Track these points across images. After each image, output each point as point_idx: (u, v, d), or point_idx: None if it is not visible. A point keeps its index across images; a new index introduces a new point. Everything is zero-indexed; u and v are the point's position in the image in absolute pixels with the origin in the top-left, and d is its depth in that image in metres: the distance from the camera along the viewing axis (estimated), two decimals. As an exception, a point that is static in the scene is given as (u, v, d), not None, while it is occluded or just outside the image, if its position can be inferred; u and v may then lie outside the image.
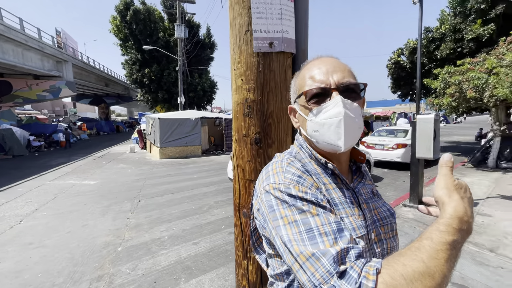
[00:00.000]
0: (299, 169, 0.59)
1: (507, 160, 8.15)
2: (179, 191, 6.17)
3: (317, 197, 0.54)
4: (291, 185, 0.54)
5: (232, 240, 3.57)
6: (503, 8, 9.02)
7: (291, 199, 0.53)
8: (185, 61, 17.59)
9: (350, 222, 0.57)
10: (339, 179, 0.63)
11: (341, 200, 0.59)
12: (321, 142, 0.62)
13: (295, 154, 0.68)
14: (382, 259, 0.60)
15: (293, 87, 0.70)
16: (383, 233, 0.64)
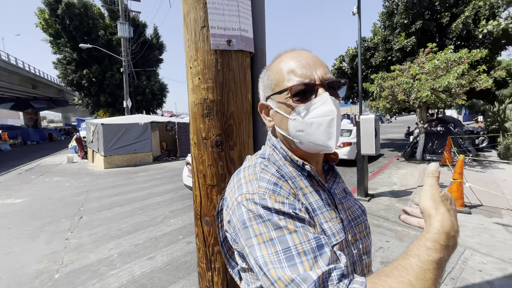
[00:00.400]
0: (274, 175, 0.54)
1: (430, 152, 9.55)
2: (129, 202, 5.65)
3: (295, 207, 0.49)
4: (266, 195, 0.49)
5: (192, 250, 3.39)
6: (421, 24, 10.61)
7: (266, 213, 0.47)
8: (130, 62, 16.33)
9: (330, 227, 0.54)
10: (315, 181, 0.60)
11: (319, 204, 0.56)
12: (306, 142, 0.57)
13: (268, 157, 0.62)
14: (359, 260, 0.59)
15: (266, 82, 0.63)
16: (358, 232, 0.62)
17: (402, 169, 8.02)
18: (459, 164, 4.26)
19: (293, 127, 0.57)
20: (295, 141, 0.58)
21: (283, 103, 0.58)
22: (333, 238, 0.53)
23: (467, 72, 7.48)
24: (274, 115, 0.62)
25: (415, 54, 9.85)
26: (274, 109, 0.61)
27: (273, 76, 0.61)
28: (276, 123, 0.62)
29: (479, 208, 4.33)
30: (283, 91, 0.57)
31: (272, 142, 0.64)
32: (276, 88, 0.59)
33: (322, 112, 0.54)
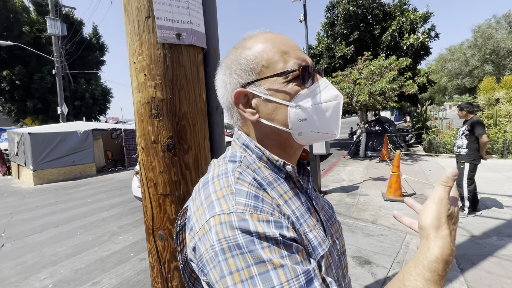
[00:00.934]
0: (252, 185, 0.43)
1: (371, 150, 10.60)
2: (67, 221, 4.93)
3: (282, 225, 0.39)
4: (247, 214, 0.38)
5: (145, 268, 3.09)
6: (358, 34, 11.81)
7: (246, 241, 0.36)
8: (65, 63, 14.50)
9: (315, 237, 0.46)
10: (293, 182, 0.52)
11: (301, 211, 0.48)
12: (308, 132, 0.49)
13: (241, 159, 0.50)
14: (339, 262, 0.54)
15: (244, 64, 0.50)
16: (334, 232, 0.57)
17: (349, 166, 8.71)
18: (396, 158, 4.79)
19: (295, 116, 0.48)
20: (293, 133, 0.50)
21: (278, 89, 0.48)
22: (319, 249, 0.46)
23: (397, 77, 8.54)
24: (260, 105, 0.50)
25: (355, 61, 10.88)
26: (262, 98, 0.49)
27: (258, 56, 0.49)
28: (264, 115, 0.50)
29: (413, 197, 4.91)
30: (287, 73, 0.48)
31: (243, 140, 0.53)
32: (266, 71, 0.49)
33: (328, 96, 0.49)
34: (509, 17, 21.48)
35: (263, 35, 0.52)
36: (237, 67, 0.51)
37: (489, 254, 2.78)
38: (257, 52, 0.49)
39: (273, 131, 0.51)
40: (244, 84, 0.50)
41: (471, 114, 3.82)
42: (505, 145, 8.18)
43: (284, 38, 0.52)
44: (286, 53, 0.49)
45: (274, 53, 0.49)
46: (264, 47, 0.50)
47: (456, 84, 24.40)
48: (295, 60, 0.48)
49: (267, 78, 0.49)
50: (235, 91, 0.50)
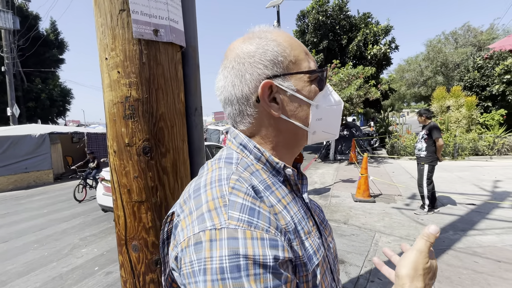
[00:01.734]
0: (248, 195, 0.39)
1: (340, 153, 11.10)
2: (19, 236, 4.41)
3: (277, 245, 0.36)
4: (239, 232, 0.34)
5: (113, 282, 2.87)
6: (327, 43, 12.40)
7: (231, 265, 0.33)
8: (17, 60, 13.15)
9: (311, 245, 0.45)
10: (290, 185, 0.50)
11: (298, 218, 0.46)
12: (320, 132, 0.52)
13: (238, 161, 0.47)
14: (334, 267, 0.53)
15: (270, 55, 0.47)
16: (327, 236, 0.56)
17: (320, 169, 9.01)
18: (364, 161, 5.06)
19: (315, 115, 0.50)
20: (309, 131, 0.51)
21: (304, 86, 0.49)
22: (314, 258, 0.44)
23: (363, 85, 9.09)
24: (285, 101, 0.48)
25: (325, 68, 11.38)
26: (288, 93, 0.48)
27: (285, 50, 0.48)
28: (287, 111, 0.48)
29: (380, 197, 5.23)
30: (316, 72, 0.50)
31: (240, 140, 0.50)
32: (293, 67, 0.48)
33: (336, 100, 0.53)
34: (455, 34, 24.15)
35: (284, 32, 0.52)
36: (264, 57, 0.47)
37: (447, 248, 3.03)
38: (285, 46, 0.48)
39: (290, 129, 0.50)
40: (270, 76, 0.47)
41: (429, 120, 4.17)
42: (456, 148, 9.09)
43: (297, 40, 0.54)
44: (307, 54, 0.51)
45: (300, 51, 0.50)
46: (291, 43, 0.49)
47: (413, 93, 26.67)
48: (314, 63, 0.51)
49: (294, 74, 0.48)
50: (263, 82, 0.46)
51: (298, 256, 0.41)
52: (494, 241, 3.11)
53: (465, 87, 11.96)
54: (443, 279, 2.44)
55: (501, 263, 2.64)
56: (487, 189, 5.29)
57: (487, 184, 5.61)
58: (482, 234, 3.33)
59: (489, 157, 8.92)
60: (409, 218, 4.02)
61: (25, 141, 8.48)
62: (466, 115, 10.43)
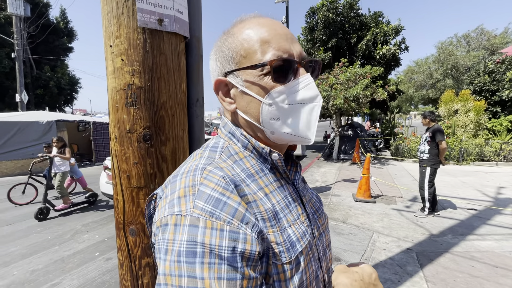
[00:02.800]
0: (219, 185, 0.40)
1: (343, 153, 11.05)
2: (23, 219, 4.52)
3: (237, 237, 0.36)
4: (200, 220, 0.36)
5: (112, 268, 2.93)
6: (335, 41, 12.26)
7: (188, 251, 0.35)
8: (27, 47, 13.30)
9: (294, 232, 0.46)
10: (279, 173, 0.51)
11: (281, 206, 0.46)
12: (280, 133, 0.47)
13: (222, 149, 0.49)
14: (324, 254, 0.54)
15: (226, 51, 0.48)
16: (321, 225, 0.56)
17: (322, 168, 8.99)
18: (367, 161, 5.04)
19: (267, 114, 0.46)
20: (265, 131, 0.48)
21: (253, 82, 0.46)
22: (298, 245, 0.45)
23: (370, 85, 9.00)
24: (237, 96, 0.49)
25: (332, 67, 11.27)
26: (239, 89, 0.48)
27: (238, 45, 0.47)
28: (240, 107, 0.49)
29: (381, 198, 5.22)
30: (258, 66, 0.45)
31: (229, 129, 0.52)
32: (244, 62, 0.46)
33: (305, 97, 0.46)
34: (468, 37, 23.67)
35: (253, 20, 0.49)
36: (220, 55, 0.50)
37: (445, 251, 3.02)
38: (239, 41, 0.47)
39: (248, 125, 0.50)
40: (225, 73, 0.49)
41: (433, 122, 4.13)
42: (461, 152, 8.98)
43: (274, 24, 0.48)
44: (267, 42, 0.45)
45: (254, 42, 0.46)
46: (246, 35, 0.47)
47: (421, 95, 26.31)
48: (274, 52, 0.45)
49: (243, 69, 0.47)
50: (215, 78, 0.50)
51: (280, 242, 0.43)
52: (493, 247, 3.10)
53: (474, 91, 11.76)
54: (438, 281, 2.45)
55: (498, 268, 2.63)
56: (490, 195, 5.24)
57: (491, 190, 5.55)
58: (481, 239, 3.31)
59: (495, 163, 8.79)
60: (409, 220, 4.01)
61: (32, 127, 8.62)
62: (474, 120, 10.27)
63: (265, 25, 0.47)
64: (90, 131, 10.15)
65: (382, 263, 2.81)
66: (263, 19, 0.49)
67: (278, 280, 0.42)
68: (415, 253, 3.00)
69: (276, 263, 0.42)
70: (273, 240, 0.42)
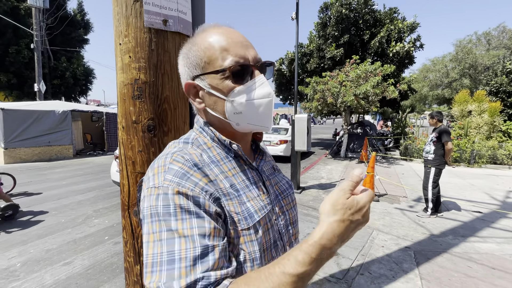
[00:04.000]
0: (185, 165, 0.50)
1: (351, 151, 10.97)
2: (40, 202, 4.79)
3: (199, 200, 0.47)
4: (169, 188, 0.46)
5: (120, 251, 3.11)
6: (348, 37, 12.05)
7: (163, 211, 0.45)
8: (45, 38, 13.73)
9: (252, 206, 0.55)
10: (242, 160, 0.60)
11: (242, 186, 0.56)
12: (244, 124, 0.57)
13: (192, 141, 0.59)
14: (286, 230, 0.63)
15: (192, 59, 0.57)
16: (285, 205, 0.66)
17: (329, 165, 8.99)
18: (372, 159, 5.03)
19: (231, 109, 0.55)
20: (231, 123, 0.57)
21: (217, 84, 0.55)
22: (255, 215, 0.54)
23: (380, 83, 8.86)
24: (205, 97, 0.58)
25: (343, 63, 11.13)
26: (206, 90, 0.57)
27: (202, 53, 0.55)
28: (208, 105, 0.58)
29: (384, 197, 5.22)
30: (220, 72, 0.54)
31: (200, 124, 0.62)
32: (208, 67, 0.55)
33: (261, 94, 0.55)
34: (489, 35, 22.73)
35: (212, 31, 0.57)
36: (187, 61, 0.58)
37: (443, 251, 3.04)
38: (201, 50, 0.55)
39: (217, 119, 0.59)
40: (193, 77, 0.58)
41: (440, 123, 4.09)
42: (472, 154, 8.77)
43: (230, 33, 0.56)
44: (226, 50, 0.54)
45: (214, 50, 0.54)
46: (208, 44, 0.55)
47: (436, 94, 25.58)
48: (232, 58, 0.53)
49: (207, 74, 0.55)
50: (185, 82, 0.59)
51: (238, 212, 0.53)
52: (493, 249, 3.09)
53: (490, 92, 11.39)
54: (433, 279, 2.49)
55: (495, 270, 2.64)
56: (498, 198, 5.15)
57: (499, 194, 5.45)
58: (482, 241, 3.30)
59: (508, 167, 8.56)
60: (410, 220, 4.02)
61: (49, 116, 8.98)
62: (488, 122, 9.97)
63: (223, 34, 0.55)
64: (103, 121, 10.48)
65: (379, 259, 2.86)
66: (222, 29, 0.57)
67: (238, 243, 0.51)
68: (413, 252, 3.03)
69: (237, 229, 0.52)
70: (233, 210, 0.52)
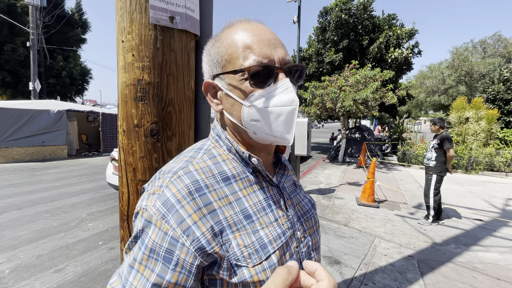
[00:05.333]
0: (180, 192, 0.43)
1: (349, 156, 10.96)
2: (32, 205, 4.64)
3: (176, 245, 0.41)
4: (153, 219, 0.42)
5: (115, 257, 2.99)
6: (347, 42, 12.11)
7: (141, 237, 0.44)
8: (42, 37, 13.56)
9: (266, 234, 0.47)
10: (261, 176, 0.53)
11: (257, 208, 0.48)
12: (261, 134, 0.49)
13: (205, 151, 0.52)
14: (308, 257, 0.54)
15: (214, 56, 0.51)
16: (308, 228, 0.57)
17: (327, 170, 8.94)
18: (372, 165, 4.99)
19: (248, 116, 0.48)
20: (248, 131, 0.50)
21: (235, 85, 0.48)
22: (269, 246, 0.46)
23: (380, 88, 8.88)
24: (223, 98, 0.52)
25: (342, 68, 11.15)
26: (224, 91, 0.50)
27: (223, 50, 0.49)
28: (225, 108, 0.52)
29: (385, 203, 5.17)
30: (238, 72, 0.47)
31: (217, 131, 0.55)
32: (228, 66, 0.49)
33: (282, 101, 0.47)
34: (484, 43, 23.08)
35: (238, 25, 0.50)
36: (208, 58, 0.53)
37: (447, 260, 2.98)
38: (224, 46, 0.50)
39: (233, 125, 0.52)
40: (213, 75, 0.52)
41: (442, 129, 4.06)
42: (470, 161, 8.80)
43: (258, 29, 0.49)
44: (249, 48, 0.47)
45: (237, 48, 0.48)
46: (231, 40, 0.49)
47: (432, 101, 25.81)
48: (254, 57, 0.46)
49: (226, 74, 0.49)
50: (204, 80, 0.54)
51: (247, 245, 0.44)
52: (497, 259, 3.04)
53: (487, 99, 11.50)
54: (438, 291, 2.43)
55: (500, 281, 2.59)
56: (498, 206, 5.13)
57: (499, 201, 5.43)
58: (485, 250, 3.26)
59: (505, 174, 8.59)
60: (412, 227, 3.97)
61: (43, 115, 8.81)
62: (486, 129, 10.04)
63: (250, 31, 0.49)
64: (99, 122, 10.32)
65: (382, 269, 2.79)
66: (249, 24, 0.50)
67: (254, 283, 0.43)
68: (416, 261, 2.97)
69: (248, 267, 0.43)
70: (241, 243, 0.44)
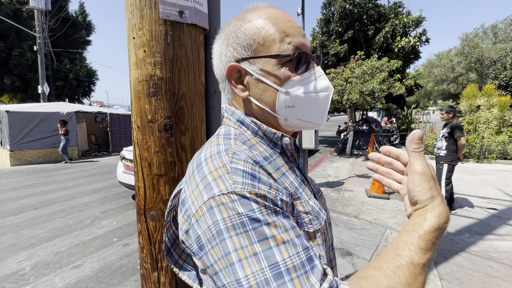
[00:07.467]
0: (248, 162, 0.41)
1: (357, 148, 10.86)
2: (47, 204, 4.78)
3: (277, 202, 0.39)
4: (246, 192, 0.37)
5: (130, 253, 3.07)
6: (352, 33, 11.90)
7: (248, 219, 0.36)
8: (48, 40, 13.76)
9: (315, 203, 0.49)
10: (287, 156, 0.52)
11: (295, 185, 0.49)
12: (294, 120, 0.49)
13: (236, 136, 0.49)
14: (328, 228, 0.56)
15: (242, 38, 0.48)
16: (323, 204, 0.59)
17: (335, 163, 8.89)
18: (381, 157, 4.94)
19: (283, 102, 0.47)
20: (279, 118, 0.49)
21: (270, 71, 0.47)
22: (322, 214, 0.49)
23: (387, 79, 8.73)
24: (251, 84, 0.49)
25: (348, 59, 10.99)
26: (254, 76, 0.48)
27: (256, 32, 0.47)
28: (253, 94, 0.49)
29: (395, 194, 5.12)
30: (281, 57, 0.46)
31: (237, 117, 0.52)
32: (262, 50, 0.47)
33: (321, 86, 0.48)
34: (495, 28, 22.33)
35: (267, 10, 0.49)
36: (234, 40, 0.49)
37: (461, 250, 2.95)
38: (256, 28, 0.47)
39: (261, 112, 0.51)
40: (239, 59, 0.49)
41: (453, 118, 3.98)
42: (482, 150, 8.61)
43: (288, 17, 0.49)
44: (286, 34, 0.47)
45: (273, 32, 0.47)
46: (264, 23, 0.47)
47: (441, 90, 25.24)
48: (294, 44, 0.46)
49: (261, 58, 0.47)
50: (228, 64, 0.49)
51: (308, 211, 0.46)
52: (513, 248, 2.99)
53: (499, 86, 11.18)
54: (453, 280, 2.41)
55: (517, 270, 2.55)
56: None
57: (513, 190, 5.32)
58: (500, 239, 3.20)
59: (519, 162, 8.39)
60: (424, 218, 3.93)
61: (54, 118, 9.00)
62: (498, 116, 9.78)
63: (282, 17, 0.48)
64: (107, 122, 10.48)
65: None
66: (279, 11, 0.49)
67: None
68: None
69: (308, 231, 0.45)
70: (302, 210, 0.46)
